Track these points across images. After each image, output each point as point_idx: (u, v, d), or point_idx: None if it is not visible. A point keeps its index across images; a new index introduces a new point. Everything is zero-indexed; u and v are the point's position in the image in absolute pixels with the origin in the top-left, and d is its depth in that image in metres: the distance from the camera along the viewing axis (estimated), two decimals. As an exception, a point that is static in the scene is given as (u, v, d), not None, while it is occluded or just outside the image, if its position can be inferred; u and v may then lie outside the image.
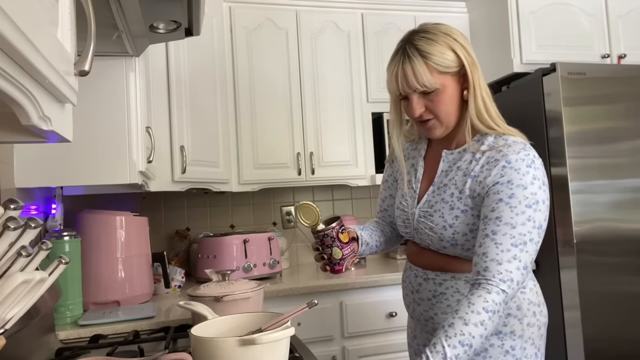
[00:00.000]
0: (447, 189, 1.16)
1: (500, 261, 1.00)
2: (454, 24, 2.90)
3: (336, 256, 1.19)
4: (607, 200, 2.24)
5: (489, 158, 1.11)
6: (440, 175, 1.20)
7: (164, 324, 1.54)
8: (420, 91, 1.11)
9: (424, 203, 1.21)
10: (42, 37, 0.51)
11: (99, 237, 1.77)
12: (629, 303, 2.24)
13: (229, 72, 2.46)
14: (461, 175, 1.15)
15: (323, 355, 2.10)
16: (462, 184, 1.14)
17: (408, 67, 1.10)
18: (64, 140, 0.69)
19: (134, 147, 1.53)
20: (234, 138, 2.45)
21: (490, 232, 1.03)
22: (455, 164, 1.17)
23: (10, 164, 1.45)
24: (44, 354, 1.22)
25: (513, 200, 1.04)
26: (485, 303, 0.97)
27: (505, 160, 1.08)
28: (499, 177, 1.07)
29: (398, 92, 1.15)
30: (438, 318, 1.20)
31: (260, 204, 2.79)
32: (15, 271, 0.62)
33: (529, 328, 1.16)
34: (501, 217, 1.03)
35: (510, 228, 1.02)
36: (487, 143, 1.14)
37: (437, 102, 1.12)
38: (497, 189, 1.06)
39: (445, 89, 1.12)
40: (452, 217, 1.14)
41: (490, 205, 1.06)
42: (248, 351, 0.78)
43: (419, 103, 1.13)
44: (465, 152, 1.17)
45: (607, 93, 2.28)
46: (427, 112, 1.14)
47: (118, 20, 1.15)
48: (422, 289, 1.23)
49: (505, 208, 1.04)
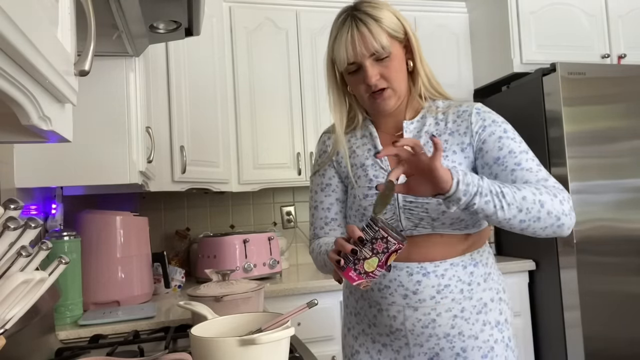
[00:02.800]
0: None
1: (546, 178, 1.06)
2: (454, 24, 2.92)
3: (368, 267, 0.95)
4: (607, 200, 2.24)
5: (456, 113, 1.14)
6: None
7: (164, 324, 1.54)
8: (376, 55, 1.08)
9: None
10: (42, 37, 0.51)
11: (99, 237, 1.77)
12: (629, 303, 2.24)
13: (229, 72, 2.46)
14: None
15: (323, 355, 2.10)
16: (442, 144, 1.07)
17: (364, 29, 1.08)
18: (64, 140, 0.69)
19: (134, 147, 1.52)
20: (234, 138, 2.45)
21: (514, 165, 1.07)
22: (422, 130, 1.15)
23: (10, 164, 1.44)
24: (44, 354, 1.22)
25: (509, 133, 1.11)
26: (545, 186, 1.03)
27: (475, 108, 1.14)
28: (481, 121, 1.11)
29: (352, 59, 1.09)
30: (441, 319, 1.09)
31: (260, 204, 2.79)
32: (15, 271, 0.62)
33: (511, 312, 1.19)
34: (512, 149, 1.08)
35: (526, 154, 1.09)
36: (441, 105, 1.17)
37: (391, 68, 1.10)
38: (489, 131, 1.10)
39: (395, 56, 1.11)
40: None
41: (495, 147, 1.09)
42: (248, 351, 0.78)
43: (374, 69, 1.09)
44: (425, 118, 1.16)
45: (607, 93, 2.28)
46: (381, 79, 1.11)
47: (118, 20, 1.15)
48: (422, 288, 1.08)
49: (509, 142, 1.09)
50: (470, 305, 1.11)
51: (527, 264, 2.39)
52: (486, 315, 1.12)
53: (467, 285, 1.10)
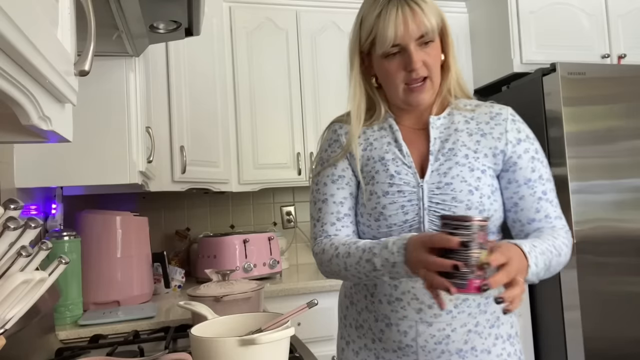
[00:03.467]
0: (458, 152, 1.06)
1: (560, 216, 1.08)
2: (454, 24, 2.92)
3: (482, 264, 0.82)
4: (607, 200, 2.24)
5: (489, 114, 1.10)
6: (435, 144, 1.08)
7: (164, 324, 1.54)
8: (421, 39, 1.02)
9: (431, 175, 1.05)
10: (42, 37, 0.50)
11: (99, 237, 1.77)
12: (629, 303, 2.23)
13: (229, 72, 2.46)
14: (466, 135, 1.08)
15: (323, 355, 2.09)
16: (473, 144, 1.07)
17: (416, 7, 1.01)
18: (64, 140, 0.69)
19: (134, 147, 1.52)
20: (234, 138, 2.45)
21: (541, 194, 1.06)
22: (450, 128, 1.09)
23: (10, 164, 1.45)
24: (44, 354, 1.22)
25: (539, 154, 1.09)
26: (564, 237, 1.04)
27: (510, 113, 1.11)
28: (517, 132, 1.08)
29: (395, 41, 1.01)
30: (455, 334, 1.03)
31: (260, 204, 2.79)
32: (15, 271, 0.62)
33: (518, 323, 1.17)
34: (542, 174, 1.07)
35: (550, 182, 1.08)
36: (467, 103, 1.13)
37: (432, 56, 1.04)
38: (524, 147, 1.08)
39: (437, 44, 1.05)
40: (474, 179, 1.04)
41: (528, 167, 1.07)
42: (248, 351, 0.78)
43: (418, 54, 1.02)
44: (453, 115, 1.11)
45: (607, 93, 2.28)
46: (423, 67, 1.03)
47: (118, 20, 1.15)
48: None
49: (540, 165, 1.08)
50: (484, 319, 1.06)
51: (527, 264, 2.39)
52: (498, 329, 1.08)
53: (484, 299, 1.05)
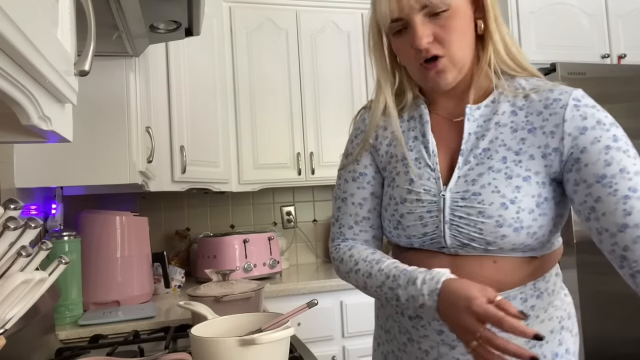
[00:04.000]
0: (494, 153, 0.87)
1: None
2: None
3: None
4: (607, 200, 2.24)
5: (544, 101, 0.86)
6: (468, 141, 0.90)
7: (164, 324, 1.54)
8: (427, 10, 0.84)
9: (457, 182, 0.88)
10: (42, 37, 0.50)
11: (99, 237, 1.77)
12: (629, 303, 2.23)
13: (229, 71, 2.46)
14: (509, 131, 0.87)
15: (323, 355, 2.10)
16: (516, 143, 0.86)
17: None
18: (64, 140, 0.69)
19: (134, 147, 1.52)
20: (234, 138, 2.45)
21: (628, 190, 0.78)
22: (491, 120, 0.89)
23: (10, 164, 1.45)
24: (44, 354, 1.22)
25: (620, 143, 0.82)
26: None
27: (572, 98, 0.85)
28: (580, 119, 0.83)
29: (396, 13, 0.85)
30: None
31: (260, 204, 2.79)
32: (15, 271, 0.62)
33: (576, 339, 0.97)
34: (625, 167, 0.80)
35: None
36: (521, 86, 0.89)
37: (449, 27, 0.84)
38: (593, 136, 0.82)
39: (456, 12, 0.85)
40: (511, 189, 0.84)
41: (601, 159, 0.80)
42: (248, 351, 0.78)
43: (426, 29, 0.84)
44: (498, 103, 0.89)
45: (607, 93, 2.28)
46: (435, 43, 0.85)
47: (118, 20, 1.15)
48: None
49: (621, 155, 0.81)
50: (522, 341, 0.86)
51: (527, 264, 2.39)
52: (541, 349, 0.91)
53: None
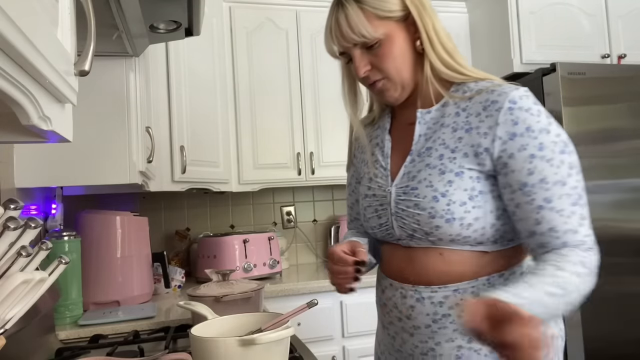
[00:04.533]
0: (434, 151, 0.94)
1: (575, 229, 0.86)
2: (454, 24, 2.92)
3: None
4: (607, 200, 2.24)
5: (484, 103, 0.90)
6: (418, 142, 0.98)
7: (164, 324, 1.54)
8: (360, 44, 0.95)
9: (402, 177, 0.98)
10: (42, 37, 0.50)
11: (99, 237, 1.77)
12: (628, 303, 2.23)
13: (229, 72, 2.46)
14: (449, 131, 0.94)
15: (323, 355, 2.10)
16: (453, 142, 0.92)
17: (341, 16, 0.95)
18: (64, 140, 0.69)
19: (134, 147, 1.52)
20: (234, 138, 2.45)
21: (543, 201, 0.85)
22: (438, 122, 0.96)
23: (10, 164, 1.45)
24: (44, 354, 1.22)
25: (545, 151, 0.85)
26: (579, 257, 0.84)
27: (508, 100, 0.88)
28: (511, 125, 0.87)
29: (337, 49, 0.98)
30: (441, 348, 0.93)
31: (260, 204, 2.79)
32: (15, 271, 0.62)
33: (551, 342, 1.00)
34: (545, 177, 0.85)
35: (561, 186, 0.85)
36: (469, 89, 0.95)
37: (382, 56, 0.95)
38: (519, 144, 0.86)
39: (390, 39, 0.94)
40: (443, 183, 0.91)
41: (524, 168, 0.86)
42: (248, 351, 0.78)
43: (363, 60, 0.96)
44: (447, 106, 0.96)
45: (607, 93, 2.28)
46: (373, 71, 0.97)
47: (118, 20, 1.15)
48: (416, 314, 0.94)
49: (544, 164, 0.85)
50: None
51: (527, 264, 2.39)
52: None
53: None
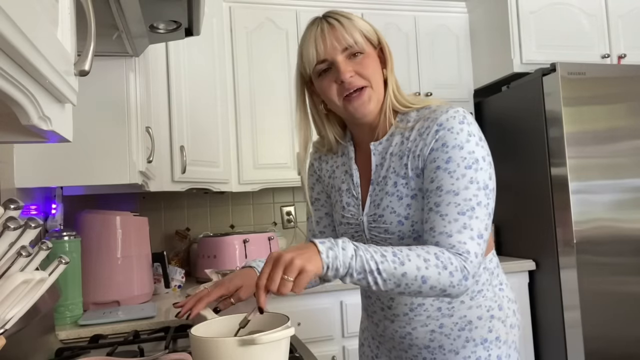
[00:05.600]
0: (388, 179, 1.04)
1: (450, 233, 0.92)
2: (454, 24, 2.93)
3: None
4: (607, 200, 2.24)
5: (420, 129, 1.01)
6: (376, 171, 1.07)
7: (164, 324, 1.54)
8: (348, 50, 1.00)
9: (369, 206, 1.08)
10: (42, 37, 0.50)
11: (99, 237, 1.77)
12: (629, 303, 2.24)
13: (229, 71, 2.46)
14: (397, 159, 1.03)
15: (323, 355, 2.10)
16: (401, 168, 1.02)
17: (335, 22, 1.01)
18: (64, 140, 0.69)
19: (134, 147, 1.52)
20: (234, 138, 2.45)
21: (433, 205, 0.95)
22: (387, 152, 1.06)
23: (10, 164, 1.44)
24: (44, 354, 1.22)
25: (451, 164, 0.95)
26: (438, 251, 0.90)
27: (437, 124, 0.98)
28: (433, 142, 0.97)
29: (321, 56, 1.01)
30: (417, 332, 1.08)
31: (260, 204, 2.79)
32: (15, 271, 0.62)
33: (511, 330, 1.10)
34: (441, 186, 0.95)
35: (453, 195, 0.93)
36: (412, 118, 1.04)
37: (366, 65, 1.01)
38: (433, 157, 0.97)
39: (369, 56, 1.02)
40: (403, 207, 1.01)
41: (429, 177, 0.97)
42: (248, 351, 0.78)
43: (347, 66, 1.00)
44: (394, 136, 1.05)
45: (607, 93, 2.28)
46: (357, 76, 1.01)
47: (118, 20, 1.15)
48: (396, 305, 1.09)
49: (444, 175, 0.95)
50: (450, 322, 1.06)
51: (527, 264, 2.39)
52: (470, 333, 1.06)
53: (446, 303, 1.06)
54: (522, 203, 2.48)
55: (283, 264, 0.81)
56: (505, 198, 2.54)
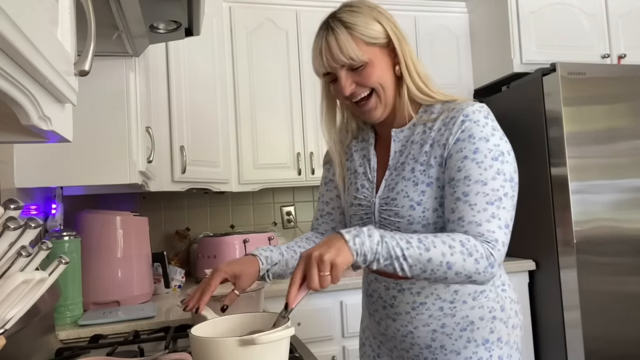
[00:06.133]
0: (406, 165, 1.06)
1: (479, 222, 0.93)
2: (454, 24, 2.92)
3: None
4: (607, 200, 2.24)
5: (444, 119, 1.03)
6: (394, 157, 1.10)
7: (164, 324, 1.54)
8: (347, 65, 1.03)
9: (383, 190, 1.10)
10: (42, 37, 0.50)
11: (99, 237, 1.77)
12: (629, 303, 2.23)
13: (229, 72, 2.46)
14: (418, 147, 1.06)
15: (323, 355, 2.10)
16: (421, 155, 1.05)
17: (332, 39, 1.03)
18: (64, 140, 0.69)
19: (134, 147, 1.52)
20: (234, 138, 2.45)
21: (461, 194, 0.96)
22: (409, 140, 1.08)
23: (10, 164, 1.44)
24: (44, 354, 1.22)
25: (478, 155, 0.97)
26: (464, 238, 0.91)
27: (463, 114, 1.00)
28: (459, 132, 0.99)
29: (323, 69, 1.07)
30: (419, 332, 1.08)
31: (260, 204, 2.79)
32: (15, 271, 0.62)
33: (513, 331, 1.10)
34: (470, 175, 0.96)
35: (482, 185, 0.95)
36: (437, 110, 1.06)
37: (366, 75, 1.04)
38: (459, 147, 0.99)
39: (374, 62, 1.04)
40: (417, 193, 1.03)
41: (455, 166, 0.98)
42: (248, 351, 0.78)
43: (348, 79, 1.04)
44: (416, 126, 1.08)
45: (607, 93, 2.28)
46: (358, 87, 1.05)
47: (118, 20, 1.15)
48: (398, 303, 1.09)
49: (472, 165, 0.96)
50: (452, 322, 1.07)
51: (527, 264, 2.39)
52: (472, 333, 1.07)
53: (448, 303, 1.06)
54: (522, 203, 2.47)
55: (315, 261, 0.86)
56: (505, 198, 2.54)
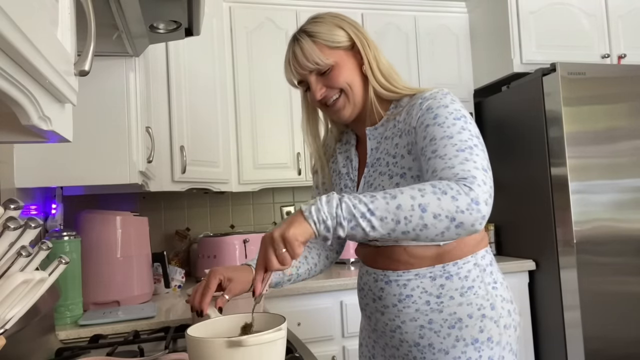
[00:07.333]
0: (382, 160, 1.11)
1: (452, 166, 0.90)
2: (454, 24, 2.92)
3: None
4: (607, 200, 2.24)
5: (408, 109, 1.07)
6: (371, 155, 1.14)
7: (164, 324, 1.54)
8: (315, 70, 1.10)
9: (362, 187, 1.14)
10: (42, 37, 0.51)
11: (99, 237, 1.77)
12: (629, 303, 2.23)
13: (229, 72, 2.46)
14: (390, 141, 1.10)
15: (323, 355, 2.10)
16: (393, 148, 1.08)
17: (297, 49, 1.10)
18: (64, 140, 0.69)
19: (134, 147, 1.53)
20: (234, 138, 2.45)
21: (431, 154, 0.95)
22: (383, 136, 1.12)
23: (10, 164, 1.45)
24: (44, 354, 1.22)
25: (439, 119, 0.98)
26: (435, 182, 0.88)
27: (421, 98, 1.04)
28: (420, 112, 1.02)
29: (294, 77, 1.14)
30: (406, 327, 1.08)
31: (260, 204, 2.79)
32: (15, 271, 0.62)
33: (505, 331, 1.07)
34: (435, 136, 0.96)
35: (449, 139, 0.94)
36: (404, 104, 1.10)
37: (334, 78, 1.09)
38: (421, 121, 1.01)
39: (340, 64, 1.09)
40: (392, 185, 1.07)
41: (421, 136, 1.00)
42: (238, 352, 0.77)
43: (318, 84, 1.11)
44: (389, 121, 1.12)
45: (607, 93, 2.28)
46: (328, 90, 1.11)
47: (118, 20, 1.15)
48: (385, 295, 1.11)
49: (435, 127, 0.97)
50: (440, 318, 1.06)
51: (527, 264, 2.39)
52: (460, 331, 1.05)
53: (435, 297, 1.06)
54: (522, 203, 2.48)
55: (269, 242, 0.85)
56: (505, 198, 2.54)
